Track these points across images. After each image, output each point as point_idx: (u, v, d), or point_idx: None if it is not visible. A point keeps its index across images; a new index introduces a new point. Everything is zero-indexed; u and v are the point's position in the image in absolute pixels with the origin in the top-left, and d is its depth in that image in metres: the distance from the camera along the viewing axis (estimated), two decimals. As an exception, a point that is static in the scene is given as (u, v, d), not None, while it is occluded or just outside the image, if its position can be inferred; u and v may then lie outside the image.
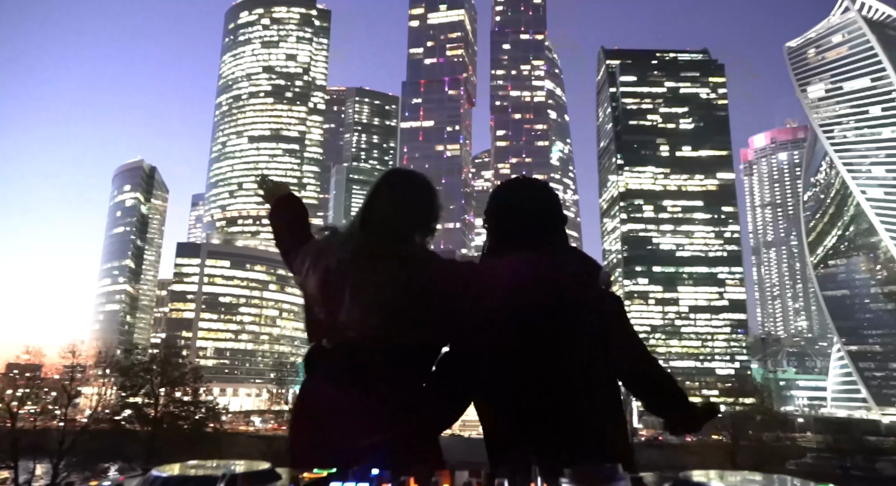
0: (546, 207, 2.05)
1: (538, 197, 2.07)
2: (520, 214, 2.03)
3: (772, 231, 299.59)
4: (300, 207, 2.61)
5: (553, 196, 2.11)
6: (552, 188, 2.16)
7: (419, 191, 2.11)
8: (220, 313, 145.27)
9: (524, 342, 1.75)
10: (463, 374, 1.88)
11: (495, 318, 1.76)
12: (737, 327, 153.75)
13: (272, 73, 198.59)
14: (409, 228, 2.02)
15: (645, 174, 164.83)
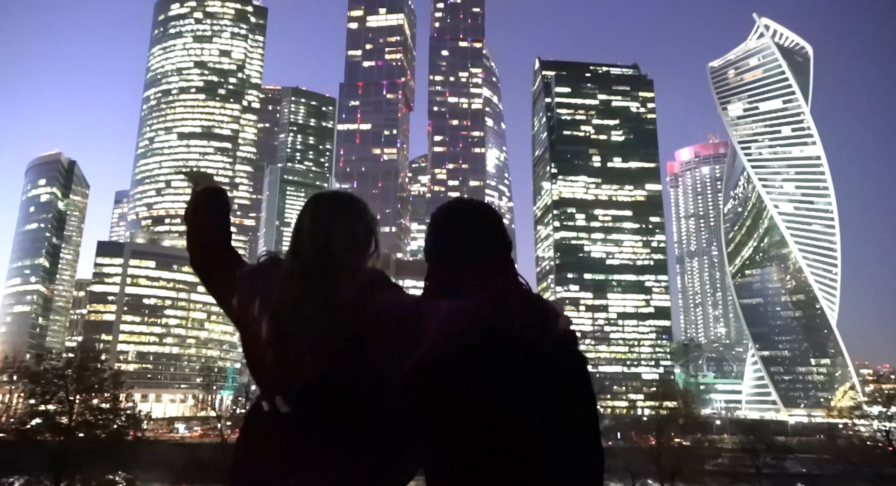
0: (495, 237, 1.80)
1: (488, 224, 1.80)
2: (465, 244, 1.75)
3: (695, 241, 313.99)
4: (224, 204, 2.27)
5: (502, 226, 1.83)
6: (501, 218, 1.86)
7: (349, 213, 1.95)
8: (143, 316, 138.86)
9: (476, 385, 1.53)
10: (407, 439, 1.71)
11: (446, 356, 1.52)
12: (662, 333, 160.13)
13: (204, 68, 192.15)
14: (345, 257, 1.85)
15: (578, 183, 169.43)
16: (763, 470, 46.38)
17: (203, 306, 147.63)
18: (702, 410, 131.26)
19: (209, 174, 2.49)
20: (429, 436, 1.60)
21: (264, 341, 1.76)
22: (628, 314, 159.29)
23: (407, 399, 1.62)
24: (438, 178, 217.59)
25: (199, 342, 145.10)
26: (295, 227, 1.94)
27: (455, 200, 1.91)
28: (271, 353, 1.74)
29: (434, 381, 1.53)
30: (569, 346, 1.63)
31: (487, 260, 1.71)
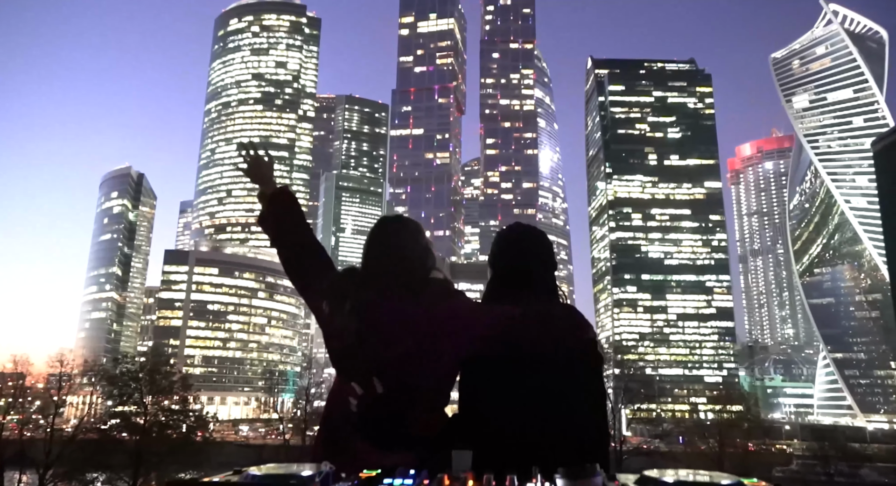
0: (547, 262, 2.41)
1: (543, 252, 2.41)
2: (520, 261, 2.37)
3: (758, 239, 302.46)
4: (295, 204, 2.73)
5: (549, 245, 2.45)
6: (548, 238, 2.50)
7: (417, 230, 2.42)
8: (208, 321, 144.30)
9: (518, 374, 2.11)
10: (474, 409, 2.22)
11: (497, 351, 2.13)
12: (724, 334, 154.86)
13: (262, 80, 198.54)
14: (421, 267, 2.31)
15: (633, 183, 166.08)
16: (836, 478, 44.36)
17: (264, 312, 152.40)
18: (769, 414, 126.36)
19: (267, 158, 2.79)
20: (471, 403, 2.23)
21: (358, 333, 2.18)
22: (688, 315, 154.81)
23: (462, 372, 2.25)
24: (491, 180, 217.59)
25: (260, 347, 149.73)
26: (372, 242, 2.37)
27: (520, 225, 2.53)
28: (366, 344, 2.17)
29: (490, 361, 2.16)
30: (593, 346, 2.23)
31: (542, 278, 2.37)
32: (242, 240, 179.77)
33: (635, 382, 55.83)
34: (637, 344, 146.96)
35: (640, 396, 55.32)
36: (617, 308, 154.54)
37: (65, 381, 41.38)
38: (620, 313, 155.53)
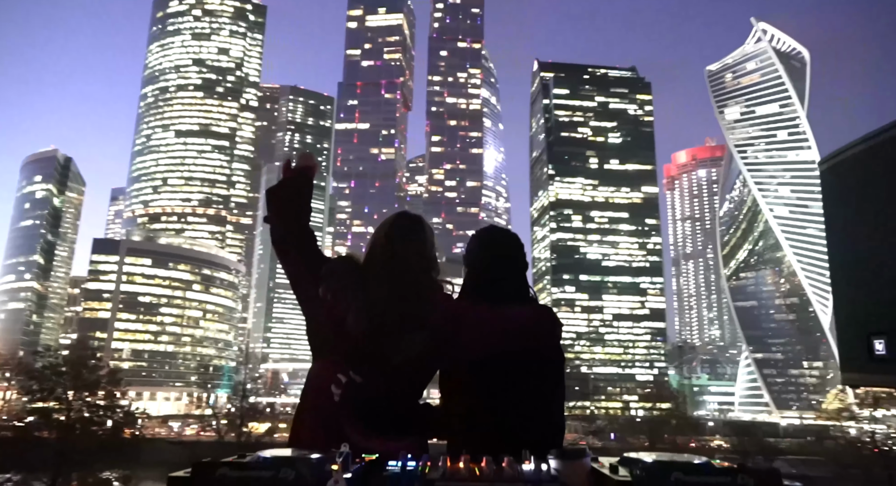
0: (520, 264, 2.56)
1: (512, 247, 2.57)
2: (498, 265, 2.53)
3: (690, 244, 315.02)
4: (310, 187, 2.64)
5: (521, 247, 2.60)
6: (520, 240, 2.64)
7: (429, 232, 2.46)
8: (138, 314, 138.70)
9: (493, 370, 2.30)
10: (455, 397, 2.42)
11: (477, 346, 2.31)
12: (656, 335, 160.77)
13: (203, 66, 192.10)
14: (430, 265, 2.40)
15: (575, 185, 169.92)
16: (753, 471, 46.80)
17: (199, 305, 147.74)
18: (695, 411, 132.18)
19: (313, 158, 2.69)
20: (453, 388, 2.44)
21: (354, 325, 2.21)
22: (623, 316, 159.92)
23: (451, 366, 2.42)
24: (436, 178, 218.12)
25: (194, 341, 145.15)
26: (382, 235, 2.38)
27: (495, 227, 2.72)
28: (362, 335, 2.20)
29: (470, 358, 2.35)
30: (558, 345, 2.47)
31: (515, 279, 2.53)
32: (178, 230, 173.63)
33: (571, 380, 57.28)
34: (574, 343, 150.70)
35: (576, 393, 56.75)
36: (555, 307, 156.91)
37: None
38: (559, 312, 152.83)
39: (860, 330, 1.65)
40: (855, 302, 1.69)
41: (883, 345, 1.56)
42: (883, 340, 1.56)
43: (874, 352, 1.59)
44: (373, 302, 2.24)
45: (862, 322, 1.65)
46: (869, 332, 1.60)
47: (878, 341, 1.58)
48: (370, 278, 2.30)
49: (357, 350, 2.21)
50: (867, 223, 1.59)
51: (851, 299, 1.70)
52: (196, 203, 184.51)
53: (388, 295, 2.25)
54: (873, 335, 1.59)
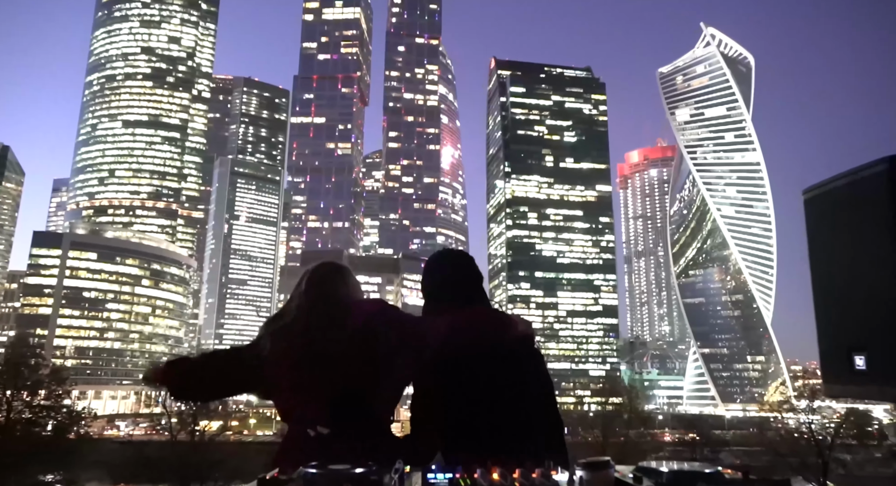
0: (470, 276, 2.68)
1: (464, 268, 2.70)
2: (449, 283, 2.65)
3: (642, 242, 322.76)
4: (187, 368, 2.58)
5: (475, 267, 2.73)
6: (469, 256, 2.79)
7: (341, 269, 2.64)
8: (83, 310, 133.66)
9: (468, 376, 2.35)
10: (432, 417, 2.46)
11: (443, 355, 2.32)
12: (609, 331, 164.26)
13: (152, 54, 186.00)
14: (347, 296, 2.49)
15: (530, 183, 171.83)
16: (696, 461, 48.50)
17: (148, 300, 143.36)
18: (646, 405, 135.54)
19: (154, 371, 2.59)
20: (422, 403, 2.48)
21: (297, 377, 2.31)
22: (577, 312, 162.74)
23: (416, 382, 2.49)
24: (393, 174, 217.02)
25: (143, 337, 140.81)
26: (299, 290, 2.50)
27: (443, 250, 2.88)
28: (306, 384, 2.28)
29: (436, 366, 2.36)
30: (528, 341, 2.54)
31: (468, 291, 2.63)
32: (126, 223, 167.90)
33: (526, 375, 57.96)
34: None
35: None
36: (511, 304, 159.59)
37: None
38: (514, 308, 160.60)
39: (841, 346, 1.81)
40: (835, 320, 1.86)
41: (863, 360, 1.73)
42: (863, 355, 1.73)
43: (854, 366, 1.75)
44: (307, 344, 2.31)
45: (842, 339, 1.82)
46: (849, 347, 1.77)
47: (858, 356, 1.74)
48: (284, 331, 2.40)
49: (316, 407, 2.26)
50: (846, 249, 1.82)
51: (832, 316, 1.87)
52: (145, 196, 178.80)
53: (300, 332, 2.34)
54: (854, 351, 1.76)
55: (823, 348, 1.92)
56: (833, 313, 1.88)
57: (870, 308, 1.71)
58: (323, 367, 2.26)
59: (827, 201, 1.93)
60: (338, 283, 2.52)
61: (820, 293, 1.94)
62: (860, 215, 1.75)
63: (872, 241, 1.70)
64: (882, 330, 1.67)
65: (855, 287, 1.79)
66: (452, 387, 2.36)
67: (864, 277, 1.75)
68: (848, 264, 1.83)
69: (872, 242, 1.70)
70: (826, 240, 1.95)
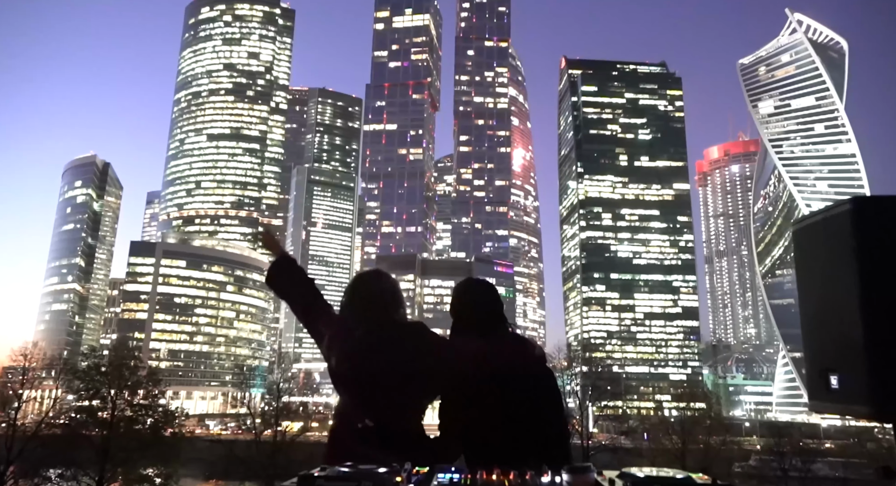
0: (492, 305, 3.09)
1: (486, 295, 3.12)
2: (473, 310, 3.08)
3: (724, 241, 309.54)
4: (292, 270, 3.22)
5: (496, 295, 3.17)
6: (491, 285, 3.25)
7: (391, 281, 3.10)
8: (174, 314, 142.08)
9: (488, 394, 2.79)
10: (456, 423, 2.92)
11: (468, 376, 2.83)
12: (689, 333, 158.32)
13: (233, 70, 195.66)
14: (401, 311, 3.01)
15: (604, 183, 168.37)
16: (790, 473, 46.06)
17: (232, 306, 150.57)
18: (731, 411, 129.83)
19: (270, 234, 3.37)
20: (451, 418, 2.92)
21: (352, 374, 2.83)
22: (655, 315, 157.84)
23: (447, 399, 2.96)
24: (464, 177, 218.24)
25: (228, 341, 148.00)
26: (350, 293, 3.02)
27: (469, 280, 3.31)
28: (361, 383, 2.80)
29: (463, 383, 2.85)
30: (541, 362, 2.97)
31: (490, 318, 3.05)
32: (211, 232, 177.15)
33: (602, 380, 56.81)
34: (605, 342, 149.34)
35: (607, 393, 56.29)
36: (586, 306, 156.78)
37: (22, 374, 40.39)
38: (589, 311, 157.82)
39: (819, 367, 2.07)
40: (815, 343, 2.13)
41: (836, 380, 1.98)
42: (836, 376, 1.98)
43: (830, 386, 2.00)
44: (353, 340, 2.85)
45: (820, 360, 2.08)
46: (826, 368, 2.02)
47: (832, 376, 1.99)
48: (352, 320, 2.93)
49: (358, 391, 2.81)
50: (822, 278, 2.09)
51: (813, 340, 2.14)
52: (228, 205, 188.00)
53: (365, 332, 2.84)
54: (829, 371, 2.01)
55: (807, 368, 2.18)
56: (813, 336, 2.14)
57: (840, 333, 1.94)
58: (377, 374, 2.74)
59: (808, 235, 2.18)
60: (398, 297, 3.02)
61: (804, 318, 2.19)
62: (832, 249, 2.00)
63: (842, 272, 1.93)
64: (848, 353, 1.90)
65: (829, 313, 2.02)
66: (475, 401, 2.80)
67: (836, 304, 1.97)
68: (824, 292, 2.07)
69: (842, 273, 1.93)
70: (808, 270, 2.20)
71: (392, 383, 2.74)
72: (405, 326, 2.95)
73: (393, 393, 2.75)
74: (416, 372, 2.77)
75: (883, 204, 1.90)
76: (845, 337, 1.92)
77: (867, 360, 1.84)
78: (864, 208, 1.90)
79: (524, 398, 2.81)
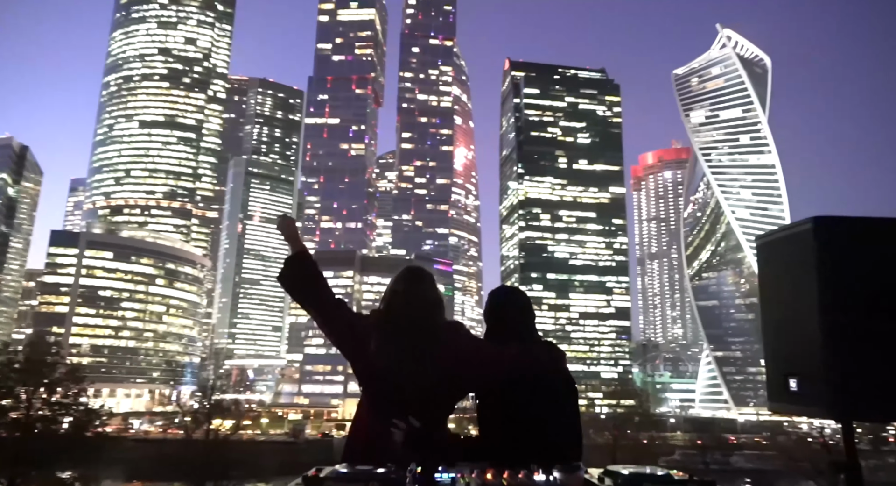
0: (523, 310, 3.24)
1: (525, 304, 3.28)
2: (510, 315, 3.20)
3: (655, 244, 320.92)
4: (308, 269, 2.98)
5: (526, 300, 3.33)
6: (525, 294, 3.39)
7: (433, 281, 3.04)
8: (98, 308, 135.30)
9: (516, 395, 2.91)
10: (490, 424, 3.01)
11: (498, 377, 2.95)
12: (621, 333, 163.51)
13: (169, 55, 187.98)
14: (437, 312, 2.96)
15: (543, 184, 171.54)
16: (711, 466, 48.42)
17: (162, 299, 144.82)
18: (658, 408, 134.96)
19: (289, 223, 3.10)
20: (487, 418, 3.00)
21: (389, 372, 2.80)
22: (589, 314, 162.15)
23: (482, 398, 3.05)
24: (406, 175, 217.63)
25: (157, 336, 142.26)
26: (392, 289, 2.96)
27: (503, 287, 3.46)
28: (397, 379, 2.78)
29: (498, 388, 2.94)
30: (564, 369, 3.14)
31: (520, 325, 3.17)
32: (141, 223, 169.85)
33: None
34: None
35: (542, 391, 57.44)
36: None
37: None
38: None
39: (780, 371, 2.33)
40: (776, 348, 2.38)
41: (795, 383, 2.21)
42: (796, 379, 2.22)
43: (789, 388, 2.24)
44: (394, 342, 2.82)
45: (781, 365, 2.33)
46: (786, 373, 2.27)
47: (792, 380, 2.23)
48: (391, 321, 2.87)
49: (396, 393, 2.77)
50: (784, 289, 2.33)
51: (774, 346, 2.40)
52: (160, 196, 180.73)
53: (408, 335, 2.82)
54: (789, 375, 2.25)
55: (768, 371, 2.41)
56: (774, 342, 2.39)
57: (800, 340, 2.18)
58: (413, 373, 2.76)
59: (772, 249, 2.43)
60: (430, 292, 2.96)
61: (765, 326, 2.46)
62: (794, 263, 2.24)
63: (802, 284, 2.16)
64: (807, 358, 2.14)
65: (790, 322, 2.26)
66: (504, 404, 2.91)
67: (796, 313, 2.21)
68: (785, 302, 2.30)
69: (802, 285, 2.16)
70: (771, 281, 2.44)
71: (430, 386, 2.76)
72: (446, 327, 2.94)
73: (430, 395, 2.77)
74: (454, 375, 2.80)
75: (841, 223, 2.13)
76: (805, 344, 2.14)
77: (824, 366, 2.04)
78: (825, 227, 2.12)
79: (548, 401, 2.93)
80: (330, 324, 2.94)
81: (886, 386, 2.02)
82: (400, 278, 3.00)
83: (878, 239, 2.12)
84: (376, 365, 2.83)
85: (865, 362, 2.02)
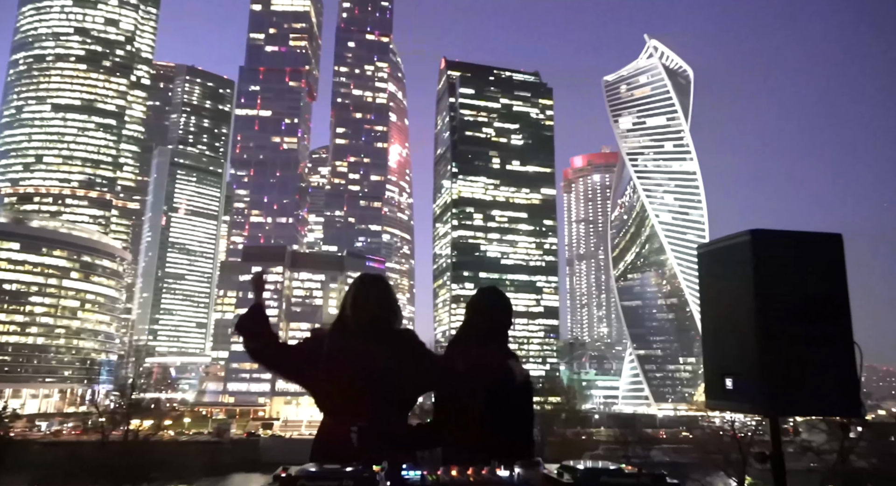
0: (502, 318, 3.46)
1: (506, 308, 3.50)
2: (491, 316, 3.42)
3: (584, 245, 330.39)
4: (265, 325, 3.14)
5: (508, 308, 3.52)
6: (510, 303, 3.55)
7: (390, 290, 3.23)
8: (3, 303, 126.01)
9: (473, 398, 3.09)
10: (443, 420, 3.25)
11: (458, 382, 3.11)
12: (550, 331, 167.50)
13: (87, 36, 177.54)
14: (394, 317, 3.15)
15: (477, 184, 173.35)
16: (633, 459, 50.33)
17: (76, 294, 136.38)
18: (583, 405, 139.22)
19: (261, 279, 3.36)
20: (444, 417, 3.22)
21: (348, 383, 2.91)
22: (519, 313, 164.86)
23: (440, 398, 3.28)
24: (339, 170, 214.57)
25: (70, 333, 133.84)
26: (348, 299, 3.11)
27: (491, 288, 3.63)
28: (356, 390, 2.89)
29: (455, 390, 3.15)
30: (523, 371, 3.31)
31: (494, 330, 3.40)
32: (54, 213, 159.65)
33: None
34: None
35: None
36: (455, 304, 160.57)
37: None
38: (458, 308, 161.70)
39: (717, 370, 2.60)
40: (713, 349, 2.67)
41: (731, 382, 2.49)
42: (731, 379, 2.49)
43: (725, 387, 2.52)
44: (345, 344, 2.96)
45: (717, 365, 2.61)
46: (722, 372, 2.55)
47: (727, 379, 2.51)
48: (344, 327, 3.04)
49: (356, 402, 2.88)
50: (722, 294, 2.62)
51: (712, 347, 2.69)
52: (76, 184, 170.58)
53: (358, 337, 2.97)
54: (725, 375, 2.53)
55: (706, 371, 2.72)
56: (713, 344, 2.68)
57: (736, 343, 2.44)
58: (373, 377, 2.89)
59: (712, 257, 2.70)
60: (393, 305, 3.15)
61: (705, 329, 2.75)
62: (732, 271, 2.51)
63: (739, 290, 2.43)
64: (741, 359, 2.40)
65: (727, 325, 2.53)
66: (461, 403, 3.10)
67: (732, 316, 2.48)
68: (723, 306, 2.58)
69: (739, 291, 2.43)
70: (710, 287, 2.74)
71: (387, 385, 2.89)
72: (399, 332, 3.11)
73: (387, 394, 2.90)
74: (409, 375, 2.94)
75: (776, 236, 2.42)
76: (740, 346, 2.39)
77: (758, 366, 2.29)
78: (761, 239, 2.40)
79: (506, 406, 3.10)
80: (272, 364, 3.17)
81: (809, 385, 2.28)
82: (353, 284, 3.20)
83: (807, 252, 2.39)
84: (328, 366, 2.93)
85: (791, 363, 2.26)
